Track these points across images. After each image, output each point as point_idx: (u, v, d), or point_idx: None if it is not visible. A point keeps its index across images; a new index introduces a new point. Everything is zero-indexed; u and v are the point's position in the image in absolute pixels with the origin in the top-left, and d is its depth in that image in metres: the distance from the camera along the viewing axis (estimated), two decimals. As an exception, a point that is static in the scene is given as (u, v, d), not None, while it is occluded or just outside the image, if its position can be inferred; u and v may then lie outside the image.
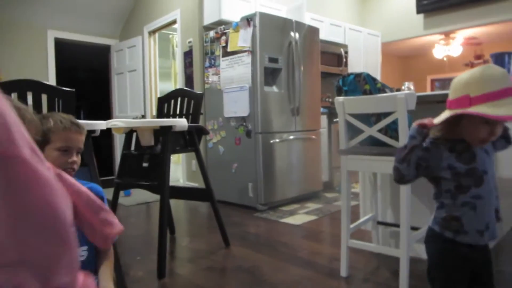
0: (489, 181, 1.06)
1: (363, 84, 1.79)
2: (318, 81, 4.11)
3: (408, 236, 1.74)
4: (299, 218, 3.19)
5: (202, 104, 2.59)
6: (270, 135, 3.58)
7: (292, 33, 3.73)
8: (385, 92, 1.80)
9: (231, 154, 3.78)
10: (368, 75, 1.80)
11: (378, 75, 5.78)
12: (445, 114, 1.04)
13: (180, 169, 4.95)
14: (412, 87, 2.50)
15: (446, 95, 1.87)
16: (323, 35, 4.70)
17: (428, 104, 2.01)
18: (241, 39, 3.57)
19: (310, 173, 3.96)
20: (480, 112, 0.95)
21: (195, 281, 1.99)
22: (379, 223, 2.25)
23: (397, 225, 2.01)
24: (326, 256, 2.26)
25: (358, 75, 1.82)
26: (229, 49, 3.71)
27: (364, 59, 5.53)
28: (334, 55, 4.87)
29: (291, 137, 3.76)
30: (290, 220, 3.13)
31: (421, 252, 2.15)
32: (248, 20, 3.51)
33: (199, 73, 4.15)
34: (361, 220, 2.18)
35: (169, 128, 2.14)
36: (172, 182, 2.50)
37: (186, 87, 4.37)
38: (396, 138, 1.75)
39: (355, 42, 5.36)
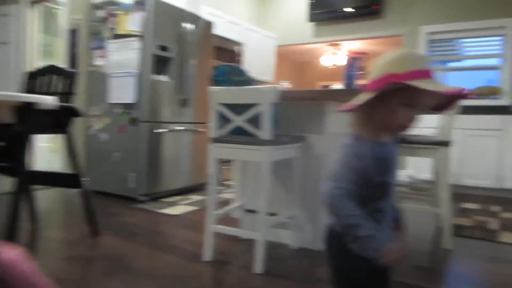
0: (393, 193, 1.02)
1: (233, 75, 1.88)
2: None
3: (265, 220, 1.87)
4: (179, 209, 3.19)
5: (75, 84, 2.43)
6: (156, 125, 3.51)
7: (186, 24, 3.71)
8: (251, 85, 1.92)
9: (114, 143, 3.62)
10: (238, 67, 1.90)
11: (272, 76, 6.06)
12: (367, 95, 0.92)
13: (58, 159, 4.56)
14: (289, 86, 2.68)
15: (308, 92, 2.07)
16: (219, 31, 4.78)
17: (293, 101, 2.19)
18: (131, 23, 3.44)
19: (197, 166, 3.99)
20: (419, 85, 0.85)
21: (53, 272, 1.86)
22: (247, 210, 2.38)
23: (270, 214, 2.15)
24: (197, 243, 2.31)
25: (229, 66, 1.90)
26: (117, 32, 3.55)
27: (259, 59, 5.75)
28: (230, 52, 4.98)
29: (179, 128, 3.74)
30: (170, 210, 3.12)
31: (282, 237, 2.33)
32: (140, 3, 3.40)
33: (84, 54, 3.88)
34: (229, 207, 2.28)
35: (30, 104, 1.97)
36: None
37: (70, 68, 4.05)
38: (260, 128, 1.86)
39: (252, 41, 5.55)
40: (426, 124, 4.49)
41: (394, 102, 0.91)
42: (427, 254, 2.29)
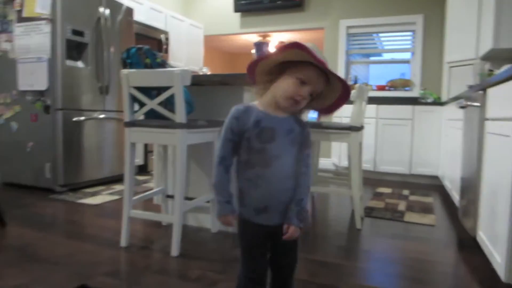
0: (282, 167, 1.04)
1: (144, 57, 1.84)
2: (134, 62, 4.03)
3: (181, 204, 1.87)
4: (100, 198, 3.07)
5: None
6: (73, 112, 3.33)
7: (101, 9, 3.54)
8: (165, 67, 1.90)
9: (26, 132, 3.36)
10: (149, 50, 1.87)
11: (201, 65, 6.02)
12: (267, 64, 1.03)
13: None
14: (208, 72, 2.69)
15: (220, 76, 2.09)
16: (142, 18, 4.63)
17: (203, 87, 2.20)
18: (39, 5, 3.20)
19: (121, 155, 3.86)
20: (308, 48, 0.94)
21: None
22: (168, 196, 2.36)
23: (186, 198, 2.14)
24: (116, 231, 2.24)
25: (139, 49, 1.86)
26: (24, 15, 3.28)
27: (186, 49, 5.67)
28: (154, 41, 4.85)
29: (100, 116, 3.58)
30: (90, 200, 2.99)
31: (203, 221, 2.35)
32: (50, -16, 3.18)
33: (-11, 37, 3.54)
34: (147, 193, 2.24)
35: None
36: None
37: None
38: (173, 111, 1.86)
39: (177, 30, 5.44)
40: (343, 114, 4.81)
41: (288, 76, 1.01)
42: (345, 234, 2.44)
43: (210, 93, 2.30)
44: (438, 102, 4.49)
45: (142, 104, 1.95)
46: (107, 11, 3.59)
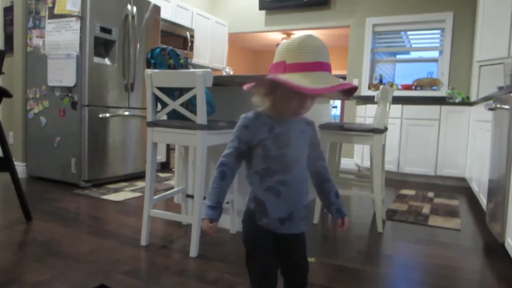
0: (302, 169, 1.05)
1: (168, 58, 1.86)
2: (158, 60, 4.08)
3: (200, 203, 1.88)
4: (123, 195, 3.14)
5: (2, 62, 2.29)
6: (99, 109, 3.40)
7: (129, 6, 3.60)
8: (188, 68, 1.91)
9: (54, 127, 3.47)
10: (172, 50, 1.88)
11: (224, 63, 6.04)
12: (266, 80, 0.98)
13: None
14: (231, 72, 2.69)
15: (242, 78, 2.09)
16: (168, 15, 4.68)
17: (226, 87, 2.20)
18: (70, 2, 3.28)
19: (144, 152, 3.92)
20: (287, 80, 0.90)
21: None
22: (188, 196, 2.38)
23: (204, 198, 2.16)
24: (136, 229, 2.28)
25: (163, 49, 1.88)
26: (56, 11, 3.37)
27: (211, 46, 5.70)
28: (180, 38, 4.89)
29: (124, 113, 3.65)
30: (113, 197, 3.06)
31: (222, 222, 2.36)
32: (79, -17, 3.25)
33: (21, 34, 3.66)
34: (168, 192, 2.27)
35: None
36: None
37: (5, 48, 3.81)
38: (195, 112, 1.87)
39: (203, 28, 5.48)
40: (367, 114, 4.72)
41: (285, 90, 0.95)
42: (366, 238, 2.39)
43: (232, 93, 2.30)
44: (466, 102, 4.34)
45: (164, 104, 1.96)
46: (135, 9, 3.64)
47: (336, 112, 9.38)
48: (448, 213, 3.03)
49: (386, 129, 2.72)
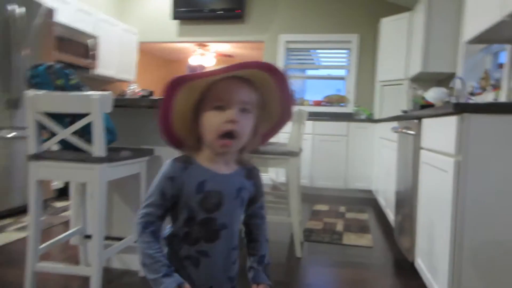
0: (231, 237, 0.87)
1: (55, 78, 1.56)
2: (53, 71, 3.59)
3: (99, 247, 1.60)
4: (4, 237, 2.57)
5: None
6: (-25, 129, 2.85)
7: (11, 7, 3.08)
8: (80, 90, 1.63)
9: None
10: (61, 69, 1.59)
11: (133, 74, 5.64)
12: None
13: None
14: (137, 89, 2.43)
15: (148, 101, 1.87)
16: (67, 20, 4.18)
17: (129, 109, 1.97)
18: None
19: (36, 176, 3.39)
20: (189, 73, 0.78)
21: None
22: (87, 236, 2.05)
23: (107, 237, 1.86)
24: (18, 285, 1.85)
25: (49, 67, 1.57)
26: None
27: (118, 55, 5.27)
28: (81, 45, 4.42)
29: (7, 135, 3.10)
30: (-10, 238, 2.52)
31: (131, 263, 2.08)
32: None
33: None
34: (60, 236, 1.91)
35: None
36: None
37: None
38: (91, 142, 1.59)
39: (108, 35, 5.03)
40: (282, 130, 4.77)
41: (207, 109, 0.80)
42: (285, 266, 2.30)
43: (137, 116, 2.05)
44: (371, 119, 4.61)
45: (53, 133, 1.65)
46: (19, 10, 3.14)
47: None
48: (359, 228, 3.12)
49: (301, 150, 2.70)
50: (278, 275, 2.13)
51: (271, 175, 5.09)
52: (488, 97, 2.80)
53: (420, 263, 1.91)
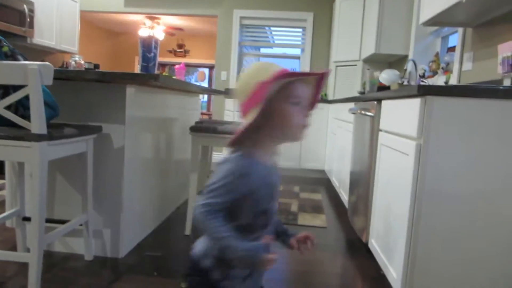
0: (273, 222, 0.95)
1: (-17, 44, 1.35)
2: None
3: (39, 231, 1.45)
4: None
5: None
6: None
7: None
8: (16, 59, 1.43)
9: None
10: (-10, 34, 1.37)
11: (76, 45, 5.21)
12: (251, 115, 0.83)
13: None
14: (82, 61, 2.21)
15: (94, 74, 1.70)
16: (-3, -19, 3.73)
17: (74, 82, 1.80)
18: None
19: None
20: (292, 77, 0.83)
21: None
22: (25, 219, 1.86)
23: (48, 220, 1.68)
24: None
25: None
26: None
27: (58, 24, 4.82)
28: (15, 12, 3.97)
29: None
30: None
31: (75, 246, 1.94)
32: None
33: None
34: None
35: None
36: None
37: None
38: (28, 117, 1.41)
39: (46, 1, 4.57)
40: (237, 108, 4.68)
41: (283, 105, 0.86)
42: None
43: (83, 91, 1.87)
44: (326, 100, 4.65)
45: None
46: None
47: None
48: (314, 209, 3.15)
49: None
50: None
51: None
52: (439, 80, 2.89)
53: (374, 244, 1.94)
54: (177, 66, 2.62)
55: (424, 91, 1.35)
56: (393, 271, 1.59)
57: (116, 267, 1.86)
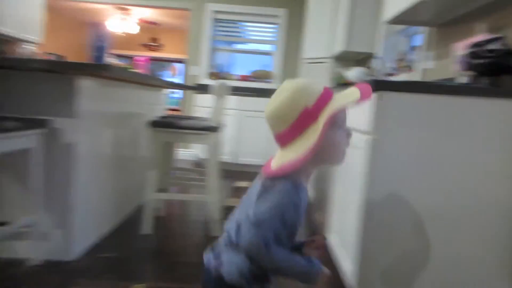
0: None
1: None
2: None
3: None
4: None
5: None
6: None
7: None
8: None
9: None
10: None
11: (39, 35, 4.97)
12: (300, 146, 0.82)
13: None
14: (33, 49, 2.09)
15: (38, 62, 1.59)
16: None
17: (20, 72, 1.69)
18: None
19: None
20: (342, 103, 0.84)
21: None
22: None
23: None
24: None
25: None
26: None
27: (19, 11, 4.56)
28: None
29: None
30: None
31: (19, 251, 1.82)
32: None
33: None
34: None
35: None
36: None
37: None
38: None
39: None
40: (207, 104, 4.60)
41: (331, 131, 0.84)
42: (197, 246, 2.20)
43: (28, 81, 1.76)
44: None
45: None
46: None
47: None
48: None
49: (222, 125, 2.59)
50: (191, 256, 2.04)
51: (194, 151, 4.93)
52: (401, 79, 2.92)
53: (333, 239, 1.94)
54: (138, 58, 2.52)
55: (379, 87, 1.35)
56: (348, 265, 1.59)
57: (66, 271, 1.76)
